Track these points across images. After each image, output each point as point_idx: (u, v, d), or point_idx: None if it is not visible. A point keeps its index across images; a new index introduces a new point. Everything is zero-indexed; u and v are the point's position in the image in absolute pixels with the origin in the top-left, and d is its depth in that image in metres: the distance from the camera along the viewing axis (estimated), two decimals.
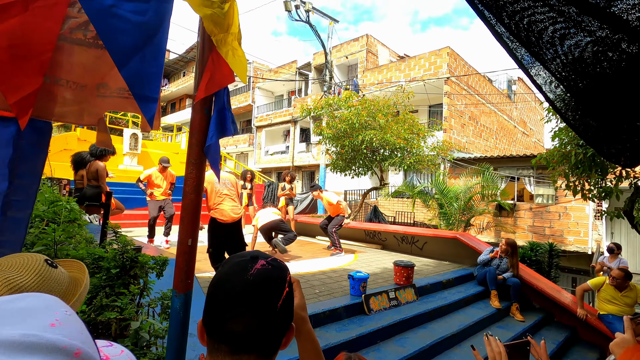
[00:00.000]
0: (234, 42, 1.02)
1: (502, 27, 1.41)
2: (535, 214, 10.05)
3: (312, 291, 3.75)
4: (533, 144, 21.03)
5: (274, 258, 0.66)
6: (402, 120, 9.00)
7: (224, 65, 1.03)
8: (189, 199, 1.01)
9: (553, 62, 1.59)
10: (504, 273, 4.83)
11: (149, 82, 0.90)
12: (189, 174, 1.01)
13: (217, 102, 1.05)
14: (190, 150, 1.02)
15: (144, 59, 0.89)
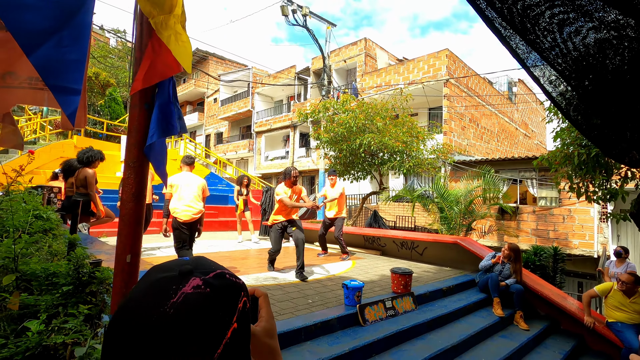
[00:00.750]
0: (177, 26, 0.88)
1: (494, 11, 1.27)
2: (539, 217, 9.84)
3: (305, 301, 3.58)
4: (535, 146, 20.82)
5: (220, 273, 0.47)
6: (401, 123, 8.87)
7: (166, 53, 0.89)
8: (128, 208, 0.86)
9: (551, 51, 1.44)
10: (507, 279, 4.65)
11: (67, 71, 0.76)
12: (126, 179, 0.87)
13: (159, 95, 0.90)
14: (128, 152, 0.87)
15: (61, 43, 0.75)
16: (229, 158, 23.24)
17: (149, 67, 0.90)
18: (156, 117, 0.90)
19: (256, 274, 4.70)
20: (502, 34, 1.35)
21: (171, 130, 0.93)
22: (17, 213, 2.74)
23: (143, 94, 0.88)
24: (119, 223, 0.87)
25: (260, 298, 0.67)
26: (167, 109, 0.93)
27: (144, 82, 0.88)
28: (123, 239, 0.87)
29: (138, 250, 0.90)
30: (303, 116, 9.41)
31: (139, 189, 0.88)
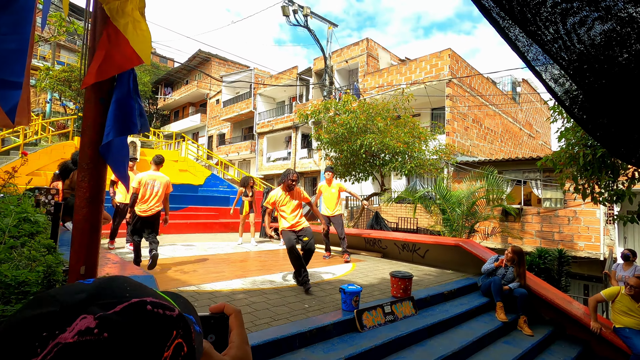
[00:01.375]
0: (134, 12, 0.79)
1: (491, 0, 1.18)
2: (543, 219, 9.68)
3: (302, 306, 3.49)
4: (540, 147, 20.61)
5: (136, 304, 0.33)
6: (403, 124, 8.76)
7: (124, 43, 0.81)
8: (81, 214, 0.78)
9: (554, 44, 1.34)
10: (510, 283, 4.53)
11: (6, 63, 0.67)
12: (79, 183, 0.78)
13: (117, 89, 0.82)
14: (81, 152, 0.79)
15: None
16: (231, 159, 23.22)
17: (104, 59, 0.82)
18: (113, 113, 0.82)
19: (253, 277, 4.62)
20: (501, 25, 1.26)
21: (131, 128, 0.84)
22: (8, 216, 2.67)
23: (97, 88, 0.80)
24: (72, 230, 0.79)
25: (230, 317, 0.55)
26: (126, 104, 0.84)
27: (98, 75, 0.80)
28: (77, 248, 0.79)
29: (94, 261, 0.82)
30: (303, 117, 9.33)
31: (94, 193, 0.80)
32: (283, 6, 11.87)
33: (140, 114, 0.86)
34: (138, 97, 0.86)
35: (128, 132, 0.84)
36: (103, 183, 0.83)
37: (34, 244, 2.26)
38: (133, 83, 0.86)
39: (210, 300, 3.51)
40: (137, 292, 0.35)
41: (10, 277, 1.40)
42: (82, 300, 0.32)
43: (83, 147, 0.79)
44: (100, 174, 0.81)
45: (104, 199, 0.84)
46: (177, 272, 4.74)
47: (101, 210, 0.83)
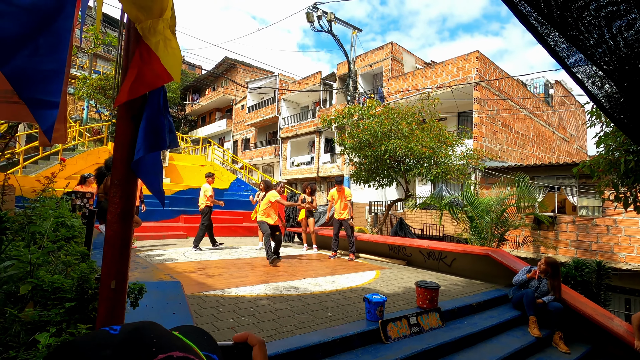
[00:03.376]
0: (166, 31, 0.81)
1: (528, 5, 1.12)
2: (580, 228, 9.17)
3: (325, 314, 3.46)
4: (575, 151, 19.63)
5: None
6: (428, 129, 8.58)
7: (155, 61, 0.82)
8: (113, 229, 0.79)
9: (597, 49, 1.26)
10: (544, 296, 4.30)
11: (44, 83, 0.70)
12: (112, 199, 0.80)
13: (148, 107, 0.83)
14: (114, 169, 0.81)
15: (37, 52, 0.69)
16: (255, 164, 23.58)
17: (136, 77, 0.84)
18: (143, 130, 0.83)
19: (277, 283, 4.63)
20: (539, 31, 1.19)
21: (161, 144, 0.86)
22: (46, 220, 2.81)
23: (130, 106, 0.82)
24: (104, 246, 0.81)
25: (254, 348, 0.53)
26: (156, 121, 0.86)
27: (130, 94, 0.82)
28: (108, 263, 0.80)
29: (125, 275, 0.83)
30: (327, 122, 9.33)
31: (125, 209, 0.81)
32: (307, 13, 11.99)
33: (170, 130, 0.88)
34: (168, 113, 0.88)
35: (158, 149, 0.85)
36: (134, 199, 0.84)
37: (70, 248, 2.36)
38: (163, 100, 0.88)
39: (234, 306, 3.54)
40: (163, 345, 0.34)
41: (47, 283, 1.46)
42: (108, 357, 0.30)
43: (116, 164, 0.81)
44: (132, 191, 0.83)
45: (134, 214, 0.86)
46: (202, 276, 4.82)
47: (131, 225, 0.85)
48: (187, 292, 3.82)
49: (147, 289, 2.12)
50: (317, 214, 10.96)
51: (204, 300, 3.65)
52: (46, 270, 1.86)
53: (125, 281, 0.83)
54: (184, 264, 5.57)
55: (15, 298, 1.94)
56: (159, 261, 5.67)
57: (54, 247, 2.38)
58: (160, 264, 5.46)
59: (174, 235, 8.94)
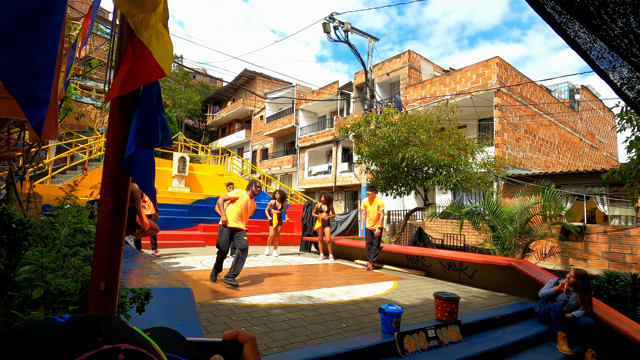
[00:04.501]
0: (158, 25, 0.79)
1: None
2: (612, 239, 8.67)
3: (339, 325, 3.36)
4: (604, 158, 18.77)
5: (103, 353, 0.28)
6: (447, 136, 8.40)
7: (148, 56, 0.80)
8: (103, 228, 0.77)
9: (623, 39, 1.17)
10: (574, 311, 4.04)
11: (34, 78, 0.69)
12: (103, 197, 0.78)
13: (141, 102, 0.82)
14: (105, 166, 0.79)
15: (28, 47, 0.68)
16: (273, 173, 23.78)
17: (128, 72, 0.82)
18: (135, 126, 0.82)
19: (291, 292, 4.57)
20: (556, 21, 1.11)
21: (153, 140, 0.84)
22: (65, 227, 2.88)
23: (122, 101, 0.80)
24: (94, 246, 0.79)
25: (245, 345, 0.50)
26: (149, 117, 0.84)
27: (122, 89, 0.80)
28: (97, 263, 0.78)
29: (115, 276, 0.80)
30: (343, 130, 9.30)
31: (117, 207, 0.79)
32: (324, 23, 12.11)
33: (163, 126, 0.86)
34: (162, 110, 0.86)
35: (150, 145, 0.83)
36: (125, 197, 0.82)
37: (84, 253, 2.38)
38: (157, 96, 0.86)
39: (247, 315, 3.50)
40: (112, 336, 0.30)
41: (53, 286, 1.47)
42: (43, 344, 0.28)
43: (107, 161, 0.80)
44: (124, 188, 0.81)
45: (127, 213, 0.84)
46: (217, 284, 4.82)
47: (122, 224, 0.83)
48: (201, 300, 3.82)
49: (157, 295, 2.11)
50: (334, 223, 10.86)
51: (217, 309, 3.63)
52: (59, 274, 1.87)
53: (116, 282, 0.80)
54: (200, 272, 5.59)
55: (31, 302, 1.97)
56: (176, 269, 5.72)
57: (69, 252, 2.42)
58: (176, 271, 5.51)
59: (192, 243, 9.05)
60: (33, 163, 5.86)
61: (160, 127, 0.84)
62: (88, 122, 18.49)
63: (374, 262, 6.78)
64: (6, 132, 3.45)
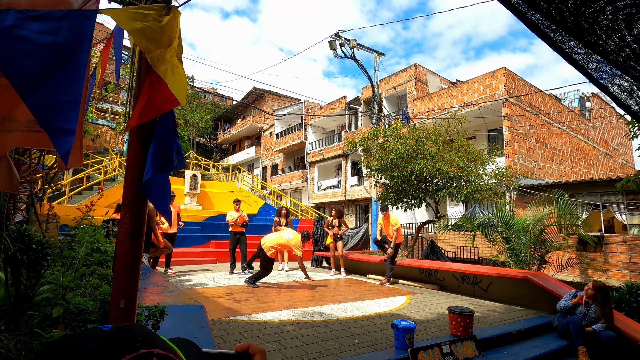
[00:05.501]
0: (173, 59, 0.86)
1: (538, 13, 1.09)
2: (632, 249, 8.40)
3: (352, 341, 3.33)
4: (620, 166, 18.36)
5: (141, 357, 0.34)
6: (456, 148, 8.38)
7: (164, 87, 0.87)
8: (123, 248, 0.82)
9: (620, 53, 1.20)
10: (594, 324, 3.91)
11: (61, 112, 0.76)
12: (122, 218, 0.83)
13: (158, 130, 0.88)
14: (125, 190, 0.84)
15: (57, 85, 0.75)
16: (283, 189, 23.90)
17: (146, 103, 0.89)
18: (152, 152, 0.88)
19: (303, 308, 4.55)
20: (552, 39, 1.15)
21: (169, 165, 0.89)
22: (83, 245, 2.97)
23: (140, 130, 0.87)
24: (114, 265, 0.84)
25: (255, 356, 0.54)
26: (165, 143, 0.90)
27: (140, 118, 0.87)
28: (117, 281, 0.82)
29: (134, 294, 0.85)
30: (352, 144, 9.37)
31: (135, 229, 0.84)
32: (330, 41, 12.37)
33: (178, 151, 0.91)
34: (176, 136, 0.92)
35: (166, 170, 0.89)
36: (143, 219, 0.88)
37: (102, 272, 2.44)
38: (172, 123, 0.92)
39: (259, 332, 3.50)
40: (147, 342, 0.36)
41: (73, 305, 1.52)
42: (91, 350, 0.33)
43: (126, 185, 0.85)
44: (142, 211, 0.86)
45: (145, 233, 0.89)
46: (229, 301, 4.83)
47: (141, 245, 0.88)
48: (213, 317, 3.83)
49: (171, 313, 2.15)
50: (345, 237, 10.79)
51: (230, 326, 3.64)
52: (77, 293, 1.93)
53: (135, 300, 0.85)
54: (213, 289, 5.62)
55: (50, 321, 2.03)
56: (189, 286, 5.76)
57: (87, 271, 2.49)
58: (189, 289, 5.55)
59: (205, 260, 9.11)
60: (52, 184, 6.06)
61: (175, 152, 0.90)
62: (103, 143, 19.03)
63: (389, 277, 6.73)
64: (28, 157, 3.60)
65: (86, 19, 0.82)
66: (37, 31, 0.76)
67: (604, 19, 1.09)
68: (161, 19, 0.88)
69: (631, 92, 1.46)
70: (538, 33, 1.14)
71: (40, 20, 0.77)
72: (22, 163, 3.62)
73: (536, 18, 1.10)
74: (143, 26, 0.85)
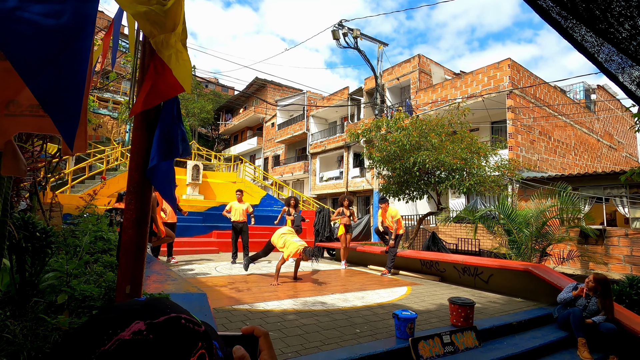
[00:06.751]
0: (177, 44, 0.84)
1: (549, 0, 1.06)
2: (634, 242, 8.41)
3: (353, 330, 3.36)
4: (624, 159, 18.26)
5: (173, 318, 0.42)
6: (459, 139, 8.33)
7: (168, 73, 0.85)
8: (128, 235, 0.82)
9: (631, 41, 1.17)
10: (594, 316, 3.93)
11: (66, 98, 0.75)
12: (127, 205, 0.83)
13: (163, 116, 0.87)
14: (129, 176, 0.84)
15: (61, 69, 0.74)
16: (285, 180, 23.91)
17: (150, 89, 0.88)
18: (157, 139, 0.87)
19: (305, 298, 4.59)
20: (563, 26, 1.13)
21: (174, 152, 0.89)
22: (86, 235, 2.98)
23: (144, 116, 0.86)
24: (118, 251, 0.84)
25: (260, 338, 0.58)
26: (170, 130, 0.89)
27: (145, 104, 0.86)
28: (123, 268, 0.83)
29: (139, 280, 0.85)
30: (354, 136, 9.33)
31: (140, 215, 0.84)
32: (333, 30, 12.23)
33: (183, 138, 0.91)
34: (181, 123, 0.91)
35: (171, 157, 0.88)
36: (148, 206, 0.87)
37: (106, 259, 2.45)
38: (177, 110, 0.91)
39: (261, 320, 3.53)
40: (175, 309, 0.44)
41: (78, 292, 1.53)
42: (137, 310, 0.42)
43: (131, 172, 0.85)
44: (146, 197, 0.86)
45: (149, 221, 0.89)
46: (232, 290, 4.88)
47: (146, 231, 0.88)
48: (216, 306, 3.87)
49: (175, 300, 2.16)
50: None
51: (232, 314, 3.68)
52: (82, 280, 1.94)
53: (140, 286, 0.85)
54: (215, 278, 5.67)
55: (55, 307, 2.06)
56: (191, 275, 5.81)
57: (91, 259, 2.51)
58: (192, 277, 5.60)
59: (207, 250, 9.17)
60: (55, 173, 6.07)
61: (180, 139, 0.89)
62: (105, 133, 19.02)
63: (390, 268, 6.76)
64: (31, 146, 3.60)
65: (89, 1, 0.80)
66: (39, 13, 0.75)
67: (617, 6, 1.06)
68: (165, 3, 0.86)
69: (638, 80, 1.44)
70: (549, 20, 1.12)
71: (42, 3, 0.75)
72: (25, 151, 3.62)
73: (547, 5, 1.08)
74: (147, 9, 0.84)
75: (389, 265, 6.78)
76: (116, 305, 0.45)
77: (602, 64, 1.24)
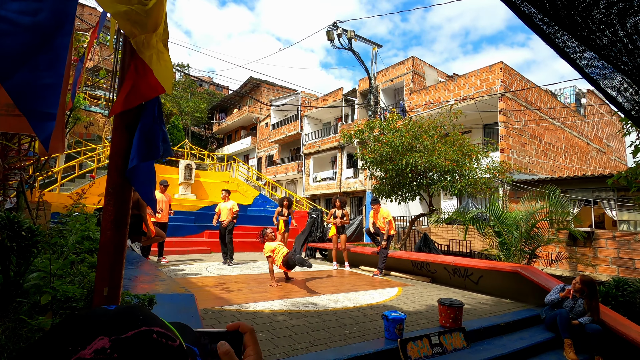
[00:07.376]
0: (158, 45, 0.84)
1: (531, 5, 1.08)
2: (620, 244, 8.55)
3: (342, 331, 3.36)
4: (612, 163, 18.55)
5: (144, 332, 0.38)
6: (451, 141, 8.40)
7: (150, 74, 0.85)
8: (106, 236, 0.81)
9: (612, 48, 1.19)
10: (580, 317, 3.99)
11: (42, 96, 0.74)
12: (106, 206, 0.82)
13: (143, 117, 0.86)
14: (109, 177, 0.83)
15: (37, 67, 0.73)
16: (278, 180, 23.87)
17: (131, 89, 0.87)
18: (137, 140, 0.86)
19: (295, 299, 4.58)
20: (545, 32, 1.14)
21: (154, 153, 0.88)
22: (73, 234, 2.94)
23: (124, 116, 0.85)
24: (98, 252, 0.83)
25: (245, 335, 0.56)
26: (151, 131, 0.88)
27: (125, 104, 0.85)
28: (101, 269, 0.82)
29: (118, 282, 0.84)
30: (347, 136, 9.35)
31: (119, 216, 0.83)
32: (328, 31, 12.25)
33: (164, 139, 0.90)
34: (162, 124, 0.90)
35: (151, 158, 0.88)
36: (128, 207, 0.86)
37: (91, 260, 2.42)
38: (158, 111, 0.91)
39: (251, 321, 3.52)
40: (148, 321, 0.40)
41: (60, 292, 1.51)
42: (103, 322, 0.38)
43: (110, 172, 0.84)
44: (126, 198, 0.85)
45: (129, 221, 0.88)
46: (222, 290, 4.85)
47: (125, 232, 0.87)
48: (205, 307, 3.85)
49: (161, 301, 2.15)
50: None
51: (222, 315, 3.66)
52: (66, 281, 1.92)
53: (119, 288, 0.84)
54: (205, 279, 5.63)
55: (39, 308, 2.02)
56: (182, 275, 5.77)
57: (77, 259, 2.47)
58: (182, 278, 5.56)
59: (198, 250, 9.11)
60: (43, 171, 5.98)
61: (161, 140, 0.88)
62: (96, 131, 18.80)
63: (381, 269, 6.79)
64: (17, 143, 3.55)
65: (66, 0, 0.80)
66: (16, 11, 0.73)
67: (597, 13, 1.08)
68: (147, 3, 0.85)
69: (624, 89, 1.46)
70: (531, 26, 1.13)
71: (19, 0, 0.74)
72: (10, 149, 3.56)
73: (530, 10, 1.09)
74: (127, 9, 0.83)
75: (381, 266, 6.81)
76: (81, 315, 0.40)
77: (584, 70, 1.26)
